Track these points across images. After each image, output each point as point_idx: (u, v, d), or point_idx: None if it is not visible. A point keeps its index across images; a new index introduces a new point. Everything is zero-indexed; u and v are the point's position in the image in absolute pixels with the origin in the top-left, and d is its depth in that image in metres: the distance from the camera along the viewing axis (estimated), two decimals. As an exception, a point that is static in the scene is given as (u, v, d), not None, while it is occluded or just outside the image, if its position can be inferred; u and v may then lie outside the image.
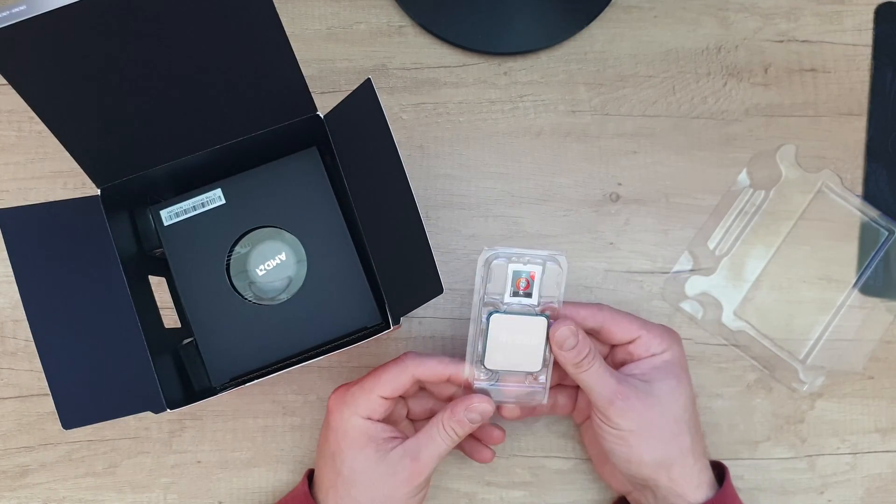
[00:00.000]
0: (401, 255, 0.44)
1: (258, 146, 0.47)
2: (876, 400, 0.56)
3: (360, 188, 0.46)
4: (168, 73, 0.41)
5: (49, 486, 0.55)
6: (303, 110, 0.46)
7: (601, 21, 0.59)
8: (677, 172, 0.58)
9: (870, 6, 0.59)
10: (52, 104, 0.40)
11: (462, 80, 0.58)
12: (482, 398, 0.47)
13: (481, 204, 0.57)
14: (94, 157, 0.43)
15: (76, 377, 0.40)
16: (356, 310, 0.47)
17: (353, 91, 0.43)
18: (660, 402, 0.47)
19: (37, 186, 0.57)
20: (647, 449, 0.47)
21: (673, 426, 0.48)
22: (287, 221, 0.48)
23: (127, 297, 0.44)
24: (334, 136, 0.47)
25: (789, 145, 0.57)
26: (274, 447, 0.56)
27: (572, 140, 0.58)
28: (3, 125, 0.57)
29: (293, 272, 0.47)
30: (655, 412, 0.47)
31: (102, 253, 0.44)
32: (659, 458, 0.47)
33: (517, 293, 0.47)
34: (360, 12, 0.59)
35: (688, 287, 0.57)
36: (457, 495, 0.56)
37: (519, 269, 0.47)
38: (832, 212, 0.57)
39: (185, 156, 0.46)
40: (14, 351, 0.56)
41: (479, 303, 0.47)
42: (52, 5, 0.34)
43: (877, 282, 0.57)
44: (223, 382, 0.47)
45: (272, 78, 0.43)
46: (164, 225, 0.47)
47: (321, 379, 0.56)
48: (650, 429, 0.47)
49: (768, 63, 0.59)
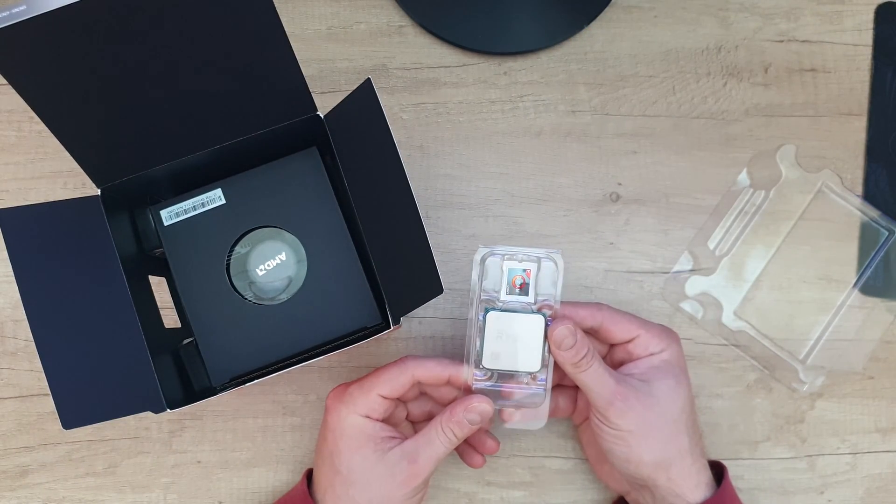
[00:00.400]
0: (401, 255, 0.44)
1: (258, 146, 0.47)
2: (876, 400, 0.56)
3: (360, 188, 0.46)
4: (168, 74, 0.41)
5: (49, 486, 0.55)
6: (303, 110, 0.46)
7: (601, 21, 0.59)
8: (677, 172, 0.58)
9: (870, 6, 0.59)
10: (52, 104, 0.40)
11: (462, 80, 0.58)
12: (481, 398, 0.47)
13: (481, 204, 0.57)
14: (94, 157, 0.43)
15: (76, 377, 0.40)
16: (356, 310, 0.47)
17: (353, 91, 0.43)
18: (659, 402, 0.47)
19: (37, 186, 0.57)
20: (645, 449, 0.47)
21: (672, 426, 0.47)
22: (287, 221, 0.47)
23: (127, 297, 0.44)
24: (334, 136, 0.46)
25: (789, 145, 0.57)
26: (274, 447, 0.56)
27: (572, 140, 0.58)
28: (3, 125, 0.57)
29: (293, 272, 0.47)
30: (654, 412, 0.47)
31: (102, 253, 0.44)
32: (658, 458, 0.47)
33: (513, 291, 0.47)
34: (360, 12, 0.59)
35: (688, 287, 0.57)
36: (457, 495, 0.56)
37: (514, 266, 0.46)
38: (832, 212, 0.57)
39: (186, 156, 0.45)
40: (14, 351, 0.56)
41: (475, 301, 0.47)
42: (52, 5, 0.34)
43: (877, 282, 0.57)
44: (223, 382, 0.46)
45: (272, 78, 0.43)
46: (164, 225, 0.47)
47: (321, 379, 0.56)
48: (649, 429, 0.47)
49: (768, 63, 0.59)
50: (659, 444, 0.47)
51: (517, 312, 0.46)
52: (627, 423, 0.46)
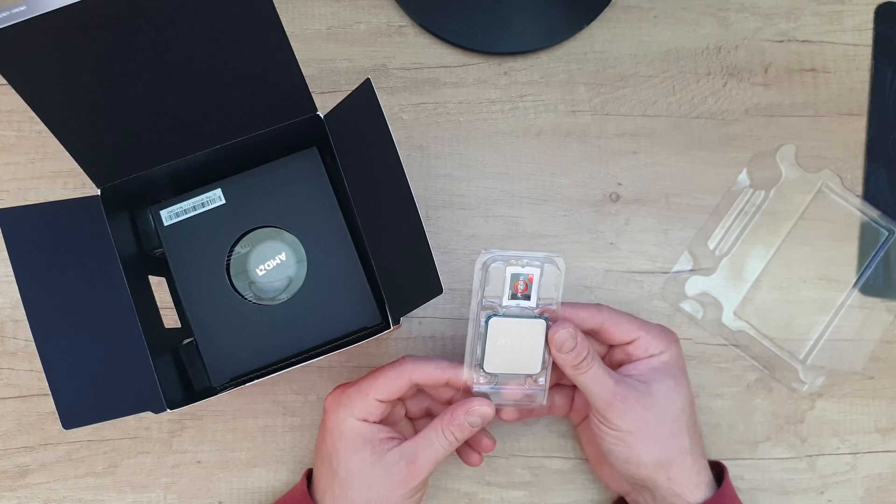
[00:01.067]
0: (400, 255, 0.44)
1: (258, 146, 0.46)
2: (876, 400, 0.56)
3: (360, 188, 0.46)
4: (168, 73, 0.41)
5: (49, 486, 0.55)
6: (303, 110, 0.46)
7: (601, 21, 0.58)
8: (677, 172, 0.58)
9: (870, 6, 0.59)
10: (52, 104, 0.40)
11: (462, 80, 0.58)
12: (482, 401, 0.46)
13: (481, 204, 0.57)
14: (93, 157, 0.43)
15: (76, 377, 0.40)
16: (356, 310, 0.47)
17: (353, 91, 0.43)
18: (658, 402, 0.47)
19: (37, 186, 0.57)
20: (645, 450, 0.47)
21: (671, 426, 0.47)
22: (287, 221, 0.47)
23: (127, 297, 0.44)
24: (334, 136, 0.46)
25: (789, 145, 0.56)
26: (274, 447, 0.56)
27: (572, 140, 0.58)
28: (3, 125, 0.57)
29: (293, 272, 0.47)
30: (654, 413, 0.47)
31: (102, 253, 0.44)
32: (657, 458, 0.47)
33: (515, 296, 0.46)
34: (360, 12, 0.59)
35: (688, 287, 0.57)
36: (457, 495, 0.56)
37: (517, 271, 0.46)
38: (832, 212, 0.57)
39: (185, 156, 0.45)
40: (14, 351, 0.56)
41: (477, 307, 0.46)
42: (53, 6, 0.34)
43: (877, 282, 0.57)
44: (223, 382, 0.46)
45: (272, 77, 0.43)
46: (164, 225, 0.47)
47: (321, 379, 0.56)
48: (649, 430, 0.47)
49: (768, 63, 0.59)
50: (658, 445, 0.47)
51: (519, 318, 0.46)
52: (627, 424, 0.46)
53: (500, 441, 0.55)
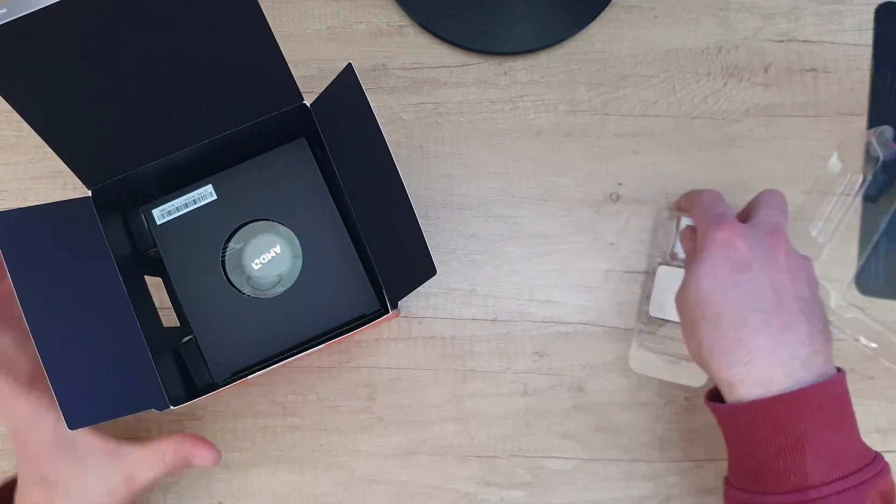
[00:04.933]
0: (394, 240, 0.43)
1: (247, 139, 0.46)
2: (876, 400, 0.55)
3: (350, 175, 0.45)
4: (152, 71, 0.40)
5: (48, 487, 0.55)
6: (289, 100, 0.45)
7: (601, 21, 0.58)
8: (677, 172, 0.57)
9: (870, 6, 0.58)
10: (37, 107, 0.39)
11: (462, 80, 0.58)
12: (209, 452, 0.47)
13: (481, 204, 0.57)
14: (82, 159, 0.42)
15: (78, 378, 0.40)
16: (354, 297, 0.46)
17: (336, 78, 0.42)
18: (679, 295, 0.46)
19: (37, 186, 0.57)
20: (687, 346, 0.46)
21: (686, 323, 0.46)
22: (280, 214, 0.47)
23: (124, 297, 0.43)
24: (321, 124, 0.45)
25: (887, 127, 0.52)
26: (273, 447, 0.55)
27: (572, 140, 0.58)
28: (3, 125, 0.57)
29: (289, 264, 0.46)
30: (678, 307, 0.46)
31: (98, 253, 0.43)
32: (693, 354, 0.45)
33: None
34: (360, 12, 0.58)
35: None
36: (457, 495, 0.55)
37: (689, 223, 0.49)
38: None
39: (174, 152, 0.45)
40: (14, 351, 0.56)
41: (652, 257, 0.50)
42: (33, 7, 0.33)
43: (877, 282, 0.57)
44: (225, 377, 0.46)
45: (257, 69, 0.42)
46: (157, 224, 0.46)
47: (321, 379, 0.55)
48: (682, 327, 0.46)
49: (768, 63, 0.58)
50: (688, 343, 0.46)
51: None
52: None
53: (500, 441, 0.54)
